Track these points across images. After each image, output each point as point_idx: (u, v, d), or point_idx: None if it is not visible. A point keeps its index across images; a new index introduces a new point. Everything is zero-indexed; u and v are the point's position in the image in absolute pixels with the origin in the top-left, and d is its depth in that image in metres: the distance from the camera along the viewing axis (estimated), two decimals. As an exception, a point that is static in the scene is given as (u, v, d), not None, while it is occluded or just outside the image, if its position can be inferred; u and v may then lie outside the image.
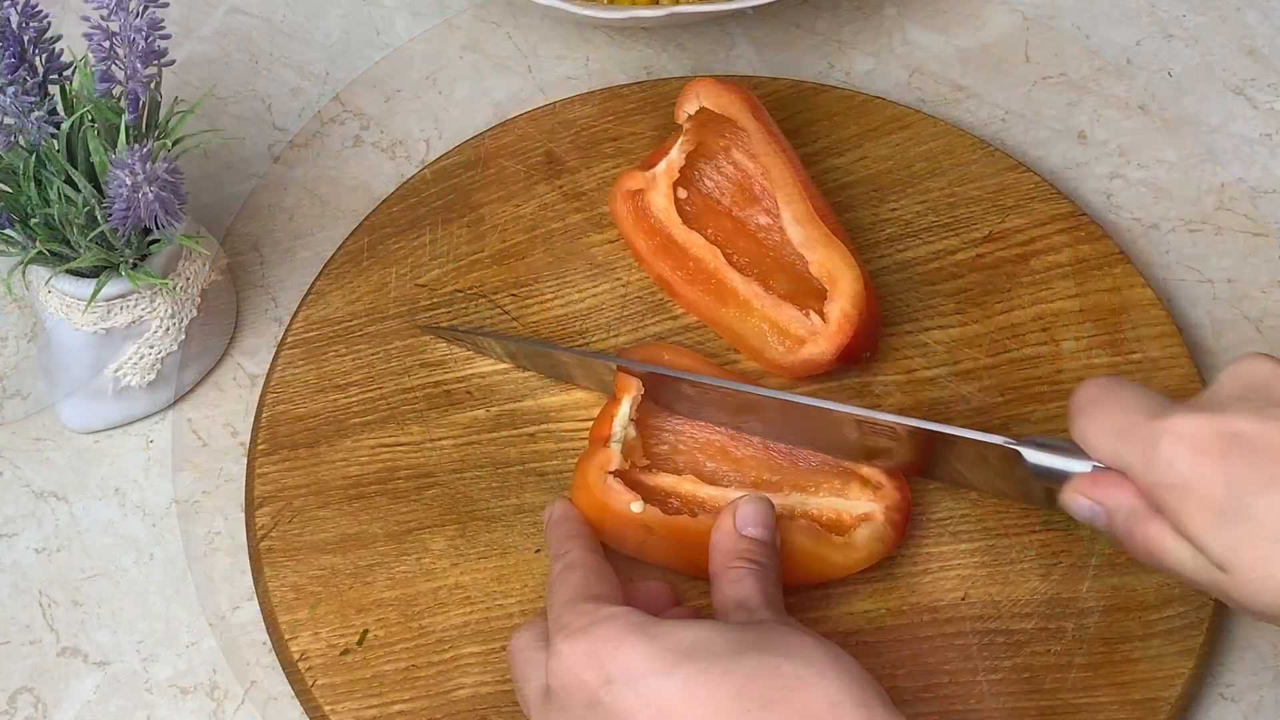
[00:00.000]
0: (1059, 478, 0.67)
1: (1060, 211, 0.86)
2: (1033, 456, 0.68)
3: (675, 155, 0.82)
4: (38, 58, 0.74)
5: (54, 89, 0.75)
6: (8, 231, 0.75)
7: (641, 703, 0.60)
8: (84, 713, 0.75)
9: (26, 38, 0.73)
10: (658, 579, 0.74)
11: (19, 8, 0.73)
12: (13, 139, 0.73)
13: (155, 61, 0.73)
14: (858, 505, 0.74)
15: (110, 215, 0.72)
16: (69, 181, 0.74)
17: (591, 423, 0.78)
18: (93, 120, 0.74)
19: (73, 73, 0.75)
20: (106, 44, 0.72)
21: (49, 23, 0.74)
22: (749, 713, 0.59)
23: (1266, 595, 0.59)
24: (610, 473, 0.74)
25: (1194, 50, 0.96)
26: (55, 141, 0.73)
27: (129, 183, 0.70)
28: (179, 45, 0.95)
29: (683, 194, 0.83)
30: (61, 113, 0.74)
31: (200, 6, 0.98)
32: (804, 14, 0.98)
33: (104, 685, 0.75)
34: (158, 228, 0.72)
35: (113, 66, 0.73)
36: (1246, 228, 0.89)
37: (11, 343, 0.85)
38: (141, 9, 0.71)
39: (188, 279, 0.79)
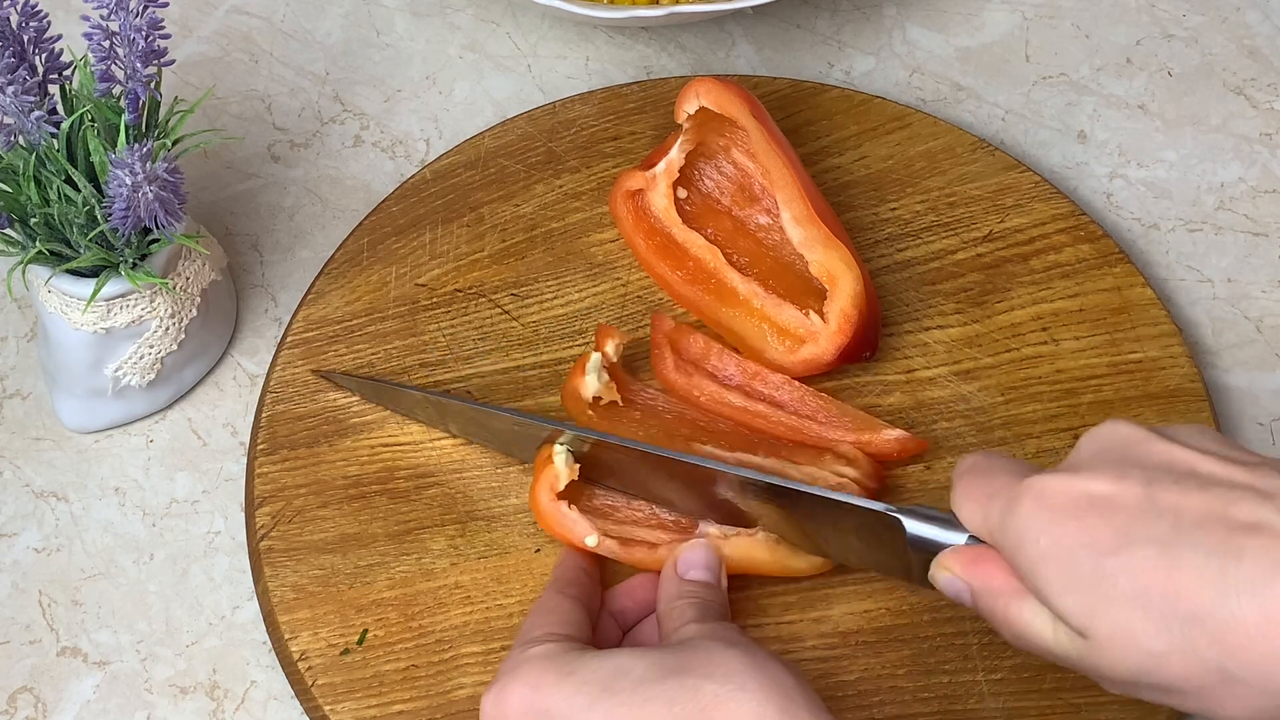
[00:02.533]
0: (937, 550, 0.65)
1: (1060, 211, 0.86)
2: (912, 526, 0.65)
3: (675, 155, 0.82)
4: (38, 57, 0.74)
5: (54, 89, 0.75)
6: (8, 231, 0.75)
7: None
8: (84, 713, 0.75)
9: (26, 37, 0.73)
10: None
11: (19, 8, 0.73)
12: (13, 139, 0.73)
13: (155, 61, 0.73)
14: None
15: (110, 215, 0.72)
16: (69, 181, 0.74)
17: (591, 423, 0.78)
18: (93, 120, 0.74)
19: (73, 72, 0.75)
20: (106, 44, 0.72)
21: (49, 22, 0.74)
22: None
23: (1128, 660, 0.57)
24: (559, 495, 0.73)
25: (1194, 50, 0.96)
26: (55, 141, 0.73)
27: (129, 182, 0.70)
28: (179, 45, 0.95)
29: (682, 194, 0.83)
30: (61, 112, 0.74)
31: (200, 6, 0.98)
32: (804, 14, 0.98)
33: (104, 685, 0.75)
34: (158, 228, 0.72)
35: (113, 66, 0.73)
36: (1246, 228, 0.89)
37: (11, 343, 0.85)
38: (141, 9, 0.71)
39: (188, 279, 0.79)
